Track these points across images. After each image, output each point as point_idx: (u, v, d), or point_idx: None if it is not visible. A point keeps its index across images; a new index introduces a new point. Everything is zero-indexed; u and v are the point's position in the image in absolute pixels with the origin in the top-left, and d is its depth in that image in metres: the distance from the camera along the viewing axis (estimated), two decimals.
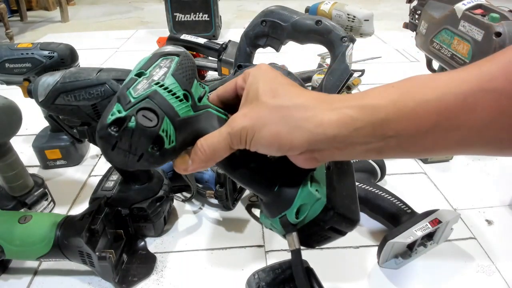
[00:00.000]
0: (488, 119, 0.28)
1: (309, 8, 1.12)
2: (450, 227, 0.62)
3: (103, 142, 0.29)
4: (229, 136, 0.31)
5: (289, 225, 0.33)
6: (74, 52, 0.78)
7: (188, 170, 0.32)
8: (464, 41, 0.67)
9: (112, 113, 0.28)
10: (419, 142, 0.30)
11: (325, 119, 0.29)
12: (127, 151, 0.29)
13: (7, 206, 0.65)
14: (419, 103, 0.29)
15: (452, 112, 0.28)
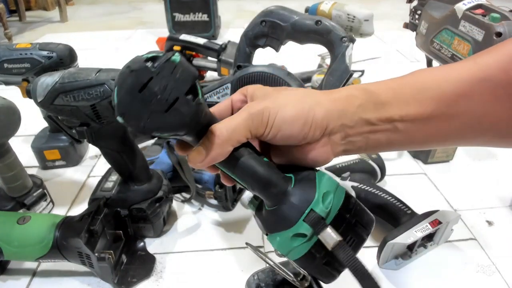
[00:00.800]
0: (485, 107, 0.30)
1: (309, 8, 1.12)
2: (450, 228, 0.62)
3: (133, 78, 0.24)
4: (250, 117, 0.30)
5: (318, 220, 0.29)
6: (73, 52, 0.78)
7: (204, 162, 0.30)
8: (464, 41, 0.67)
9: (151, 52, 0.25)
10: (423, 128, 0.31)
11: (336, 96, 0.32)
12: (159, 94, 0.25)
13: (5, 207, 0.65)
14: (419, 91, 0.31)
15: (451, 99, 0.30)
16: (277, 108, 0.30)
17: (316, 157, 0.32)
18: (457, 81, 0.30)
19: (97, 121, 0.55)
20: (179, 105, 0.25)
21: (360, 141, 0.32)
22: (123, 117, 0.25)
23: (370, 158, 0.73)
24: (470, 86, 0.30)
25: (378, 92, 0.32)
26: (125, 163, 0.62)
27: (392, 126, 0.31)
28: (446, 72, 0.32)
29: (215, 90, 0.68)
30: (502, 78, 0.30)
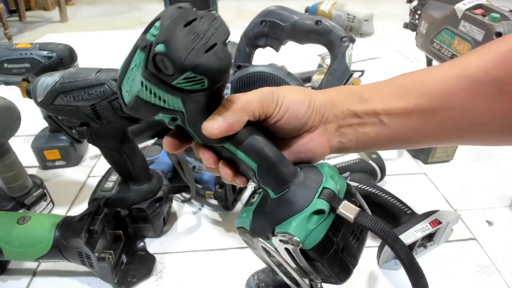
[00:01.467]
0: (465, 103, 0.32)
1: (309, 8, 1.12)
2: (450, 228, 0.62)
3: (181, 12, 0.25)
4: (262, 94, 0.31)
5: (333, 196, 0.30)
6: (73, 52, 0.78)
7: (221, 128, 0.29)
8: (464, 41, 0.67)
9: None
10: (408, 122, 0.33)
11: (328, 91, 0.35)
12: (201, 34, 0.25)
13: (6, 207, 0.65)
14: (401, 88, 0.33)
15: (432, 95, 0.32)
16: (285, 91, 0.32)
17: (314, 148, 0.33)
18: (437, 79, 0.32)
19: (97, 121, 0.55)
20: (217, 50, 0.26)
21: (351, 134, 0.34)
22: (165, 44, 0.25)
23: (370, 158, 0.73)
24: (449, 83, 0.32)
25: (362, 90, 0.34)
26: (125, 163, 0.62)
27: (377, 120, 0.33)
28: (427, 72, 0.34)
29: None
30: (480, 75, 0.31)
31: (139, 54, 0.27)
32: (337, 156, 0.72)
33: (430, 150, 0.85)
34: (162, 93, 0.28)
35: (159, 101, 0.28)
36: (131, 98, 0.29)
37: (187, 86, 0.27)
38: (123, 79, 0.30)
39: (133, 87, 0.28)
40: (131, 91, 0.29)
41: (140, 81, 0.28)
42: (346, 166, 0.71)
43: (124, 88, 0.30)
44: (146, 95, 0.28)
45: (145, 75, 0.27)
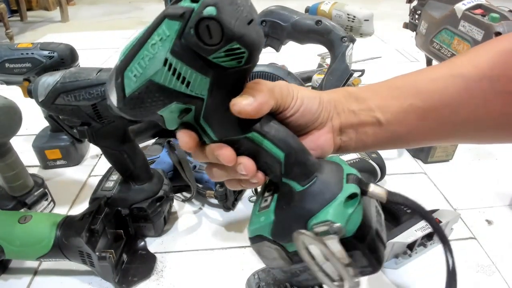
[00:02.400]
0: (460, 101, 0.32)
1: (309, 8, 1.12)
2: (450, 227, 0.62)
3: None
4: (279, 86, 0.31)
5: (359, 179, 0.30)
6: (74, 52, 0.78)
7: (253, 106, 0.28)
8: (464, 41, 0.67)
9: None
10: (404, 121, 0.33)
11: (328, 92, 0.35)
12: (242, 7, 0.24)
13: (7, 206, 0.65)
14: (396, 89, 0.34)
15: (426, 95, 0.33)
16: (297, 87, 0.33)
17: (323, 145, 0.34)
18: (431, 80, 0.33)
19: (98, 120, 0.55)
20: (256, 25, 0.25)
21: (351, 133, 0.35)
22: (216, 8, 0.23)
23: (370, 157, 0.74)
24: (443, 83, 0.32)
25: (358, 91, 0.35)
26: (125, 163, 0.62)
27: (375, 119, 0.33)
28: (421, 73, 0.34)
29: None
30: (473, 74, 0.32)
31: (169, 24, 0.24)
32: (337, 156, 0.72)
33: (430, 149, 0.85)
34: (190, 71, 0.25)
35: (180, 84, 0.26)
36: (138, 84, 0.26)
37: (224, 62, 0.25)
38: (129, 63, 0.26)
39: (149, 68, 0.25)
40: (144, 74, 0.26)
41: (164, 58, 0.25)
42: None
43: (131, 73, 0.26)
44: (164, 77, 0.25)
45: (176, 49, 0.24)
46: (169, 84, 0.26)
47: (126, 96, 0.27)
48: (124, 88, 0.27)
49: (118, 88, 0.27)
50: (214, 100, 0.27)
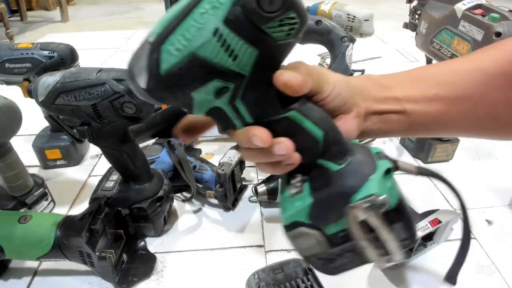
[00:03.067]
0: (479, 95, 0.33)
1: (309, 8, 1.12)
2: (450, 227, 0.62)
3: None
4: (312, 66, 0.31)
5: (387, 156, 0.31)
6: (74, 52, 0.78)
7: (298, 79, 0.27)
8: (464, 41, 0.67)
9: None
10: (427, 111, 0.34)
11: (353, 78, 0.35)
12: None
13: (7, 206, 0.65)
14: (417, 78, 0.34)
15: (447, 86, 0.33)
16: (328, 72, 0.33)
17: (350, 129, 0.33)
18: (452, 72, 0.34)
19: (98, 120, 0.55)
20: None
21: (375, 118, 0.34)
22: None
23: None
24: (463, 75, 0.33)
25: (382, 79, 0.35)
26: (125, 163, 0.62)
27: (400, 107, 0.34)
28: (441, 65, 0.35)
29: None
30: (493, 69, 0.32)
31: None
32: None
33: (430, 149, 0.85)
34: (241, 43, 0.24)
35: (227, 58, 0.24)
36: (180, 58, 0.24)
37: (277, 33, 0.24)
38: (169, 35, 0.24)
39: (195, 40, 0.24)
40: (188, 46, 0.24)
41: (214, 28, 0.23)
42: None
43: (172, 46, 0.24)
44: (212, 50, 0.24)
45: (230, 17, 0.23)
46: (215, 58, 0.24)
47: (162, 73, 0.25)
48: (160, 64, 0.25)
49: (152, 65, 0.25)
50: (256, 76, 0.26)
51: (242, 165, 0.77)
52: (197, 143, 0.95)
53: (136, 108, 0.54)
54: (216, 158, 0.89)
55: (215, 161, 0.77)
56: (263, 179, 0.74)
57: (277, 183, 0.71)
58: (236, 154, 0.73)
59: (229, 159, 0.71)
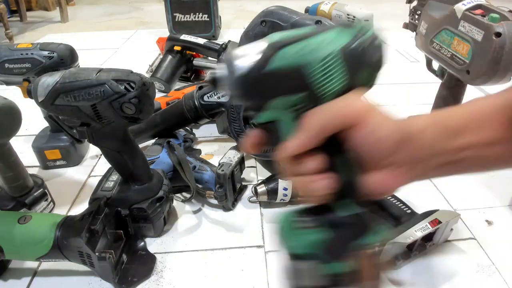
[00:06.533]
0: None
1: (309, 8, 1.12)
2: (450, 228, 0.62)
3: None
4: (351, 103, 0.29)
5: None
6: (73, 53, 0.78)
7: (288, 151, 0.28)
8: (464, 42, 0.67)
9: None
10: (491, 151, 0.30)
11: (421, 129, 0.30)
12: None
13: (6, 207, 0.65)
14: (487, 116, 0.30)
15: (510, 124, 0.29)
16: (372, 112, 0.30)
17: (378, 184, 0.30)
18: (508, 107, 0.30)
19: (98, 121, 0.55)
20: None
21: (450, 167, 0.31)
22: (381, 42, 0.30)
23: None
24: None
25: (451, 117, 0.31)
26: (125, 163, 0.62)
27: (459, 157, 0.30)
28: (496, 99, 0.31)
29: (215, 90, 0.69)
30: None
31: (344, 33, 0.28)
32: None
33: None
34: (342, 71, 0.28)
35: (320, 80, 0.28)
36: (287, 64, 0.28)
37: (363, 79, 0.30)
38: (289, 44, 0.28)
39: (307, 56, 0.28)
40: (299, 58, 0.28)
41: (328, 53, 0.28)
42: None
43: (288, 53, 0.28)
44: (314, 70, 0.28)
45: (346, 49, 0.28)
46: (311, 76, 0.28)
47: (265, 69, 0.28)
48: (270, 62, 0.27)
49: (261, 60, 0.28)
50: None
51: (242, 166, 0.77)
52: (197, 144, 0.95)
53: (136, 109, 0.54)
54: (216, 158, 0.88)
55: (215, 161, 0.77)
56: (263, 179, 0.74)
57: (276, 183, 0.71)
58: (236, 155, 0.73)
59: (229, 159, 0.71)
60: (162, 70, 1.23)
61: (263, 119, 0.31)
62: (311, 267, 0.31)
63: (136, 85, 0.53)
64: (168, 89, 1.22)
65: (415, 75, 1.35)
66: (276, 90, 0.28)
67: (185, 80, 1.33)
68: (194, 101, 0.84)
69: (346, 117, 0.28)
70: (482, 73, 0.64)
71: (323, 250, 0.30)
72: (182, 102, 0.87)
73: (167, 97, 1.07)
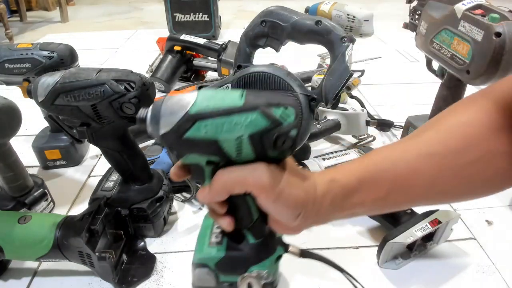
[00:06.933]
0: (431, 178, 0.36)
1: (309, 8, 1.12)
2: (450, 228, 0.62)
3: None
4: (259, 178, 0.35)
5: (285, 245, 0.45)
6: (73, 53, 0.78)
7: (203, 199, 0.37)
8: (464, 42, 0.67)
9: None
10: (381, 204, 0.38)
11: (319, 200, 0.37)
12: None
13: (6, 207, 0.65)
14: (378, 176, 0.37)
15: (404, 178, 0.36)
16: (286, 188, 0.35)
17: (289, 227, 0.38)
18: (407, 161, 0.37)
19: (98, 121, 0.55)
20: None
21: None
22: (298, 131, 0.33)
23: None
24: (417, 163, 0.36)
25: (347, 183, 0.37)
26: (125, 163, 0.62)
27: (354, 210, 0.38)
28: (399, 151, 0.38)
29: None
30: (442, 151, 0.36)
31: (259, 119, 0.32)
32: (337, 156, 0.73)
33: None
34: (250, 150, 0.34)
35: (234, 151, 0.34)
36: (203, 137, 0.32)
37: (273, 155, 0.35)
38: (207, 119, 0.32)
39: (223, 133, 0.32)
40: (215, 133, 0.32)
41: (240, 135, 0.32)
42: None
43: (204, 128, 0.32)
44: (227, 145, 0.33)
45: (254, 137, 0.32)
46: (226, 148, 0.33)
47: (184, 137, 0.32)
48: (187, 131, 0.32)
49: (181, 128, 0.32)
50: (241, 162, 0.35)
51: None
52: None
53: (136, 109, 0.54)
54: None
55: None
56: None
57: None
58: None
59: None
60: (162, 70, 1.23)
61: (184, 161, 0.37)
62: (203, 274, 0.44)
63: (136, 85, 0.54)
64: (168, 89, 1.22)
65: (415, 75, 1.35)
66: (192, 149, 0.34)
67: (185, 80, 1.33)
68: None
69: (250, 186, 0.34)
70: (482, 73, 0.64)
71: (214, 264, 0.43)
72: None
73: None
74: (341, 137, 0.97)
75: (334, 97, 0.60)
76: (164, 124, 0.32)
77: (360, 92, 1.19)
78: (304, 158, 0.79)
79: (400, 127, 0.96)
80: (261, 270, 0.41)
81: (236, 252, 0.42)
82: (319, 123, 0.85)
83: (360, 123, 0.89)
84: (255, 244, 0.41)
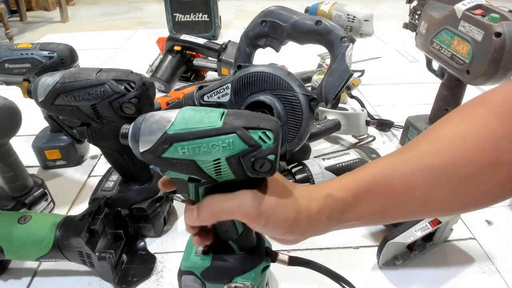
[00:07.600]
0: (427, 194, 0.36)
1: (309, 8, 1.12)
2: (450, 228, 0.62)
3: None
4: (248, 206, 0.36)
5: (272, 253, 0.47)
6: (73, 53, 0.78)
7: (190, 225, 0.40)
8: (464, 42, 0.67)
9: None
10: (378, 218, 0.39)
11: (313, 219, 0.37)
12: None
13: (6, 207, 0.65)
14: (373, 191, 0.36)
15: (398, 193, 0.36)
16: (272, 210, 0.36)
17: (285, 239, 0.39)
18: (403, 175, 0.36)
19: (98, 121, 0.55)
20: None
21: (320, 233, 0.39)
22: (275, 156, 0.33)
23: (370, 157, 0.74)
24: (413, 177, 0.36)
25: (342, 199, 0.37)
26: (125, 163, 0.62)
27: (349, 225, 0.39)
28: (392, 165, 0.37)
29: (215, 90, 0.68)
30: (438, 165, 0.35)
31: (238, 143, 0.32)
32: (337, 156, 0.73)
33: None
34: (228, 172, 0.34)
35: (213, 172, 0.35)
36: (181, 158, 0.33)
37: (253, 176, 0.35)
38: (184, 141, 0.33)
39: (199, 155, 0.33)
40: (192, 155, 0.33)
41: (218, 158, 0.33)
42: (346, 166, 0.71)
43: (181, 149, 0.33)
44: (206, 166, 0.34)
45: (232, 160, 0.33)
46: (205, 168, 0.34)
47: (162, 156, 0.34)
48: (165, 152, 0.33)
49: (158, 149, 0.33)
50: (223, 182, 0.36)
51: None
52: None
53: (136, 109, 0.54)
54: None
55: None
56: None
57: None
58: None
59: None
60: (162, 70, 1.23)
61: (167, 176, 0.38)
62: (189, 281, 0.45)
63: (136, 85, 0.54)
64: (168, 89, 1.22)
65: (415, 75, 1.35)
66: (172, 168, 0.35)
67: (185, 80, 1.33)
68: (194, 101, 0.84)
69: (237, 217, 0.35)
70: (482, 73, 0.64)
71: (200, 273, 0.44)
72: (182, 102, 0.87)
73: (167, 97, 1.07)
74: (341, 137, 0.97)
75: (334, 97, 0.60)
76: (143, 144, 0.34)
77: (360, 92, 1.19)
78: (304, 158, 0.79)
79: (400, 127, 0.96)
80: (245, 281, 0.42)
81: (221, 262, 0.43)
82: (319, 123, 0.85)
83: (360, 123, 0.89)
84: (241, 255, 0.42)
